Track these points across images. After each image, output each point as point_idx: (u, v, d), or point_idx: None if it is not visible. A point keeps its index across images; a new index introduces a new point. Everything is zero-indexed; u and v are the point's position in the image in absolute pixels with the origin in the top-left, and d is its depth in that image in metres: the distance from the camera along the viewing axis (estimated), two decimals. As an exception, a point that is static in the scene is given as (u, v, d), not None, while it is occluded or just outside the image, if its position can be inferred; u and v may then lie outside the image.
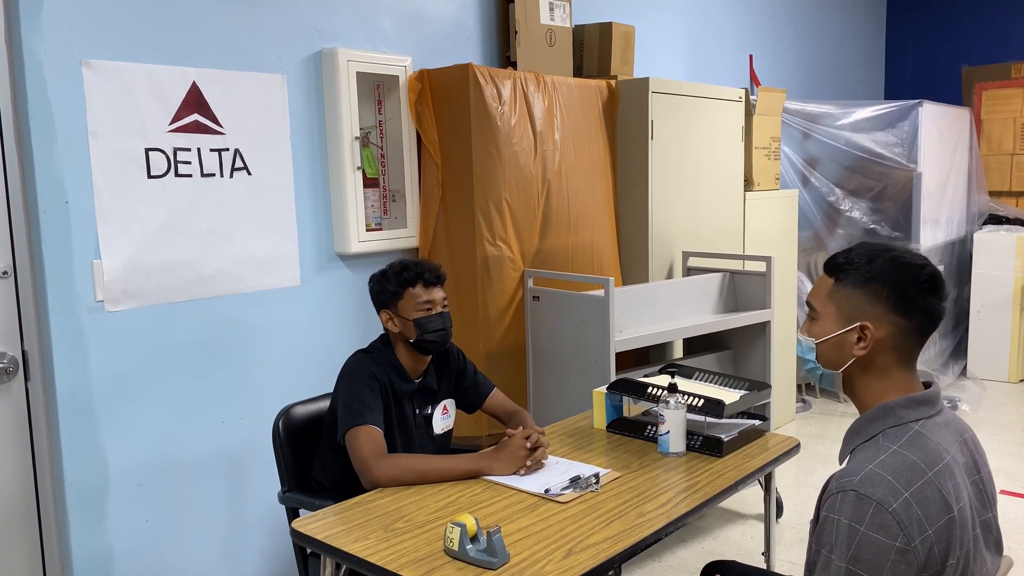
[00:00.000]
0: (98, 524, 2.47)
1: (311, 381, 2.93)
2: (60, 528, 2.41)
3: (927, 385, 1.45)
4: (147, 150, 2.48)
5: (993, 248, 5.58)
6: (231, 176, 2.69)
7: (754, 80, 5.29)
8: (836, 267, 1.46)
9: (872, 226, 5.13)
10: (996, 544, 1.43)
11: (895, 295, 1.38)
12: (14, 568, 2.33)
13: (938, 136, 5.26)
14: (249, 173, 2.74)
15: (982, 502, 1.41)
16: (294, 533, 1.83)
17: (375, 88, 3.13)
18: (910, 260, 1.41)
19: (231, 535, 2.80)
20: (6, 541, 2.32)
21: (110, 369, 2.46)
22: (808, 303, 1.52)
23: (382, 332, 2.32)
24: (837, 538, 1.26)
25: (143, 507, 2.56)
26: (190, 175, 2.58)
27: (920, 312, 1.39)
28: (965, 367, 5.76)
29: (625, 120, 3.64)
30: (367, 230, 3.05)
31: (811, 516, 1.42)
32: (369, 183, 3.11)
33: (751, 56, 5.31)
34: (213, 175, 2.64)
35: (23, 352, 2.31)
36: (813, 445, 4.41)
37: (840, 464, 1.50)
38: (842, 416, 4.91)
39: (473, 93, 3.03)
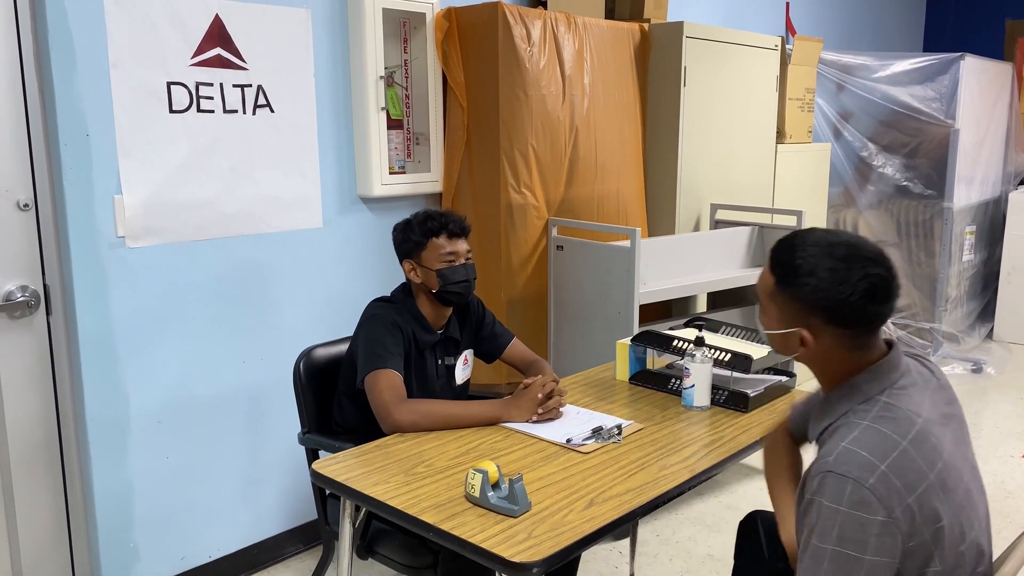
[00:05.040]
0: (119, 460, 2.48)
1: (331, 324, 2.91)
2: (82, 463, 2.42)
3: (889, 344, 1.42)
4: (169, 84, 2.42)
5: (1028, 209, 5.45)
6: (254, 113, 2.63)
7: (790, 29, 5.13)
8: (778, 264, 1.43)
9: (904, 183, 5.00)
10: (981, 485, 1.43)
11: (831, 314, 1.36)
12: (37, 501, 2.36)
13: (978, 92, 5.09)
14: (272, 111, 2.68)
15: (964, 441, 1.41)
16: (314, 474, 1.82)
17: (401, 26, 3.04)
18: (846, 275, 1.33)
19: (251, 474, 2.81)
20: (30, 474, 2.33)
21: (131, 305, 2.45)
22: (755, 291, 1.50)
23: (403, 281, 2.29)
24: (819, 520, 1.26)
25: (164, 444, 2.57)
26: (212, 111, 2.53)
27: (862, 322, 1.36)
28: (992, 330, 5.67)
29: (657, 66, 3.54)
30: (390, 173, 3.00)
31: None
32: (393, 124, 3.04)
33: (787, 3, 5.13)
34: (235, 111, 2.59)
35: (45, 286, 2.30)
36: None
37: (810, 443, 1.50)
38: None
39: (502, 33, 2.93)
